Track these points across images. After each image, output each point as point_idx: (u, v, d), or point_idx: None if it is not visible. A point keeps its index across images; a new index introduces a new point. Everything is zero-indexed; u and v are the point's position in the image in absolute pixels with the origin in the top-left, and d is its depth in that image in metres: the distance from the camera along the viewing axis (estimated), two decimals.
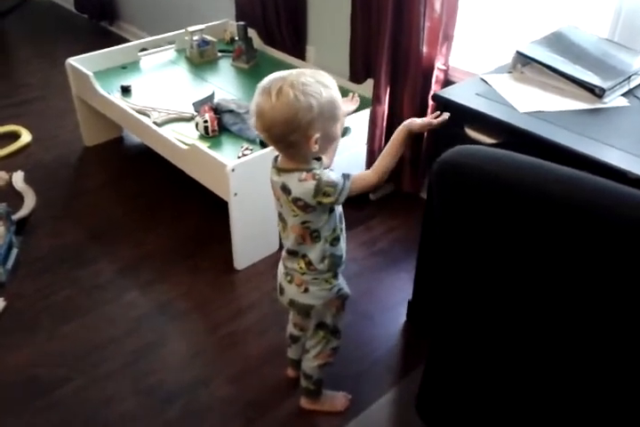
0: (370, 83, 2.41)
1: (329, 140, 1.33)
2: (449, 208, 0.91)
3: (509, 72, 1.74)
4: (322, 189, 1.31)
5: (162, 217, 2.48)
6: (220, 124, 2.28)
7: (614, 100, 1.59)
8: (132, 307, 2.08)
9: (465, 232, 0.93)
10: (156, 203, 2.56)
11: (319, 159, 1.40)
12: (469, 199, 0.87)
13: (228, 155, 2.14)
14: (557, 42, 1.78)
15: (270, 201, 1.78)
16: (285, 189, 1.35)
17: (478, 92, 1.63)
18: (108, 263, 2.26)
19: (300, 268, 1.47)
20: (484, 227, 0.89)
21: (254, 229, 2.17)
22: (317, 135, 1.27)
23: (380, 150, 2.29)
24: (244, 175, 2.01)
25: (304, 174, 1.32)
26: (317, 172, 1.33)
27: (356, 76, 2.53)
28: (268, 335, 1.98)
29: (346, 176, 1.35)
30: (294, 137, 1.27)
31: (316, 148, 1.29)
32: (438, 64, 2.26)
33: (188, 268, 2.24)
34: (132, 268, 2.24)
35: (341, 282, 1.54)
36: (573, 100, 1.61)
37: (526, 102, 1.59)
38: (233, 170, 1.97)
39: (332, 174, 1.34)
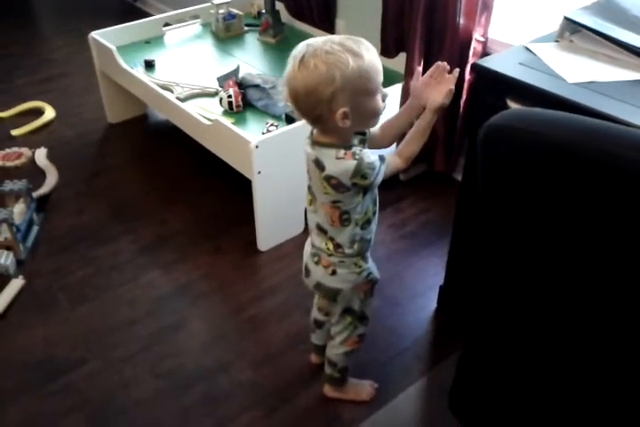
0: (402, 57, 2.28)
1: (364, 116, 1.21)
2: (496, 178, 0.79)
3: (556, 41, 1.60)
4: (362, 170, 1.21)
5: (184, 196, 2.40)
6: (244, 99, 2.18)
7: None
8: (152, 288, 2.01)
9: (512, 207, 0.81)
10: (178, 181, 2.48)
11: (363, 134, 1.30)
12: (522, 168, 0.75)
13: (253, 131, 2.04)
14: (608, 7, 1.63)
15: (297, 180, 1.71)
16: (319, 165, 1.25)
17: (522, 62, 1.49)
18: (129, 243, 2.19)
19: (328, 249, 1.37)
20: (536, 200, 0.78)
21: (279, 209, 2.07)
22: (344, 110, 1.16)
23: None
24: (268, 152, 1.91)
25: (342, 152, 1.22)
26: (357, 151, 1.22)
27: (388, 50, 2.40)
28: (291, 320, 1.90)
29: (382, 158, 1.26)
30: (319, 111, 1.17)
31: (346, 123, 1.18)
32: (476, 35, 2.12)
33: (210, 248, 2.16)
34: (152, 247, 2.17)
35: (371, 266, 1.44)
36: (628, 70, 1.46)
37: (576, 72, 1.45)
38: (257, 147, 1.88)
39: (372, 155, 1.24)
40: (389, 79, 2.19)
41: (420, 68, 1.37)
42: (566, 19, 1.58)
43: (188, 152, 2.55)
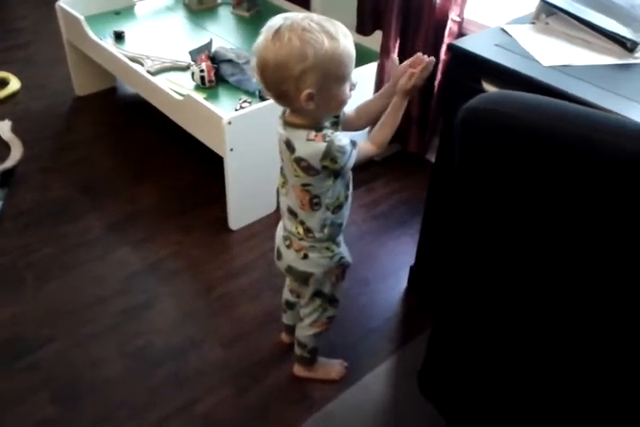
0: (378, 35, 2.25)
1: (328, 102, 1.18)
2: (473, 162, 0.79)
3: (532, 23, 1.60)
4: (332, 153, 1.19)
5: (154, 172, 2.36)
6: (217, 74, 2.14)
7: None
8: (121, 266, 1.98)
9: (488, 190, 0.81)
10: (148, 157, 2.44)
11: (337, 117, 1.28)
12: (499, 152, 0.75)
13: (225, 107, 2.00)
14: None
15: (269, 158, 1.66)
16: (289, 146, 1.23)
17: (498, 43, 1.49)
18: (97, 219, 2.15)
19: (299, 233, 1.36)
20: (513, 185, 0.77)
21: (251, 187, 2.05)
22: (309, 91, 1.13)
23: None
24: (241, 129, 1.88)
25: (312, 134, 1.20)
26: (329, 133, 1.21)
27: (364, 27, 2.36)
28: (261, 299, 1.90)
29: (354, 143, 1.24)
30: (285, 87, 1.14)
31: (309, 104, 1.15)
32: (452, 15, 2.10)
33: (181, 226, 2.14)
34: (121, 225, 2.14)
35: (343, 250, 1.43)
36: (602, 55, 1.47)
37: (551, 55, 1.45)
38: (229, 123, 1.85)
39: (344, 138, 1.22)
40: (365, 57, 2.16)
41: (395, 55, 1.35)
42: (542, 1, 1.57)
43: (158, 127, 2.50)
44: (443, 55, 2.16)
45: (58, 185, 2.29)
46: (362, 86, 2.19)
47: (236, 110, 1.96)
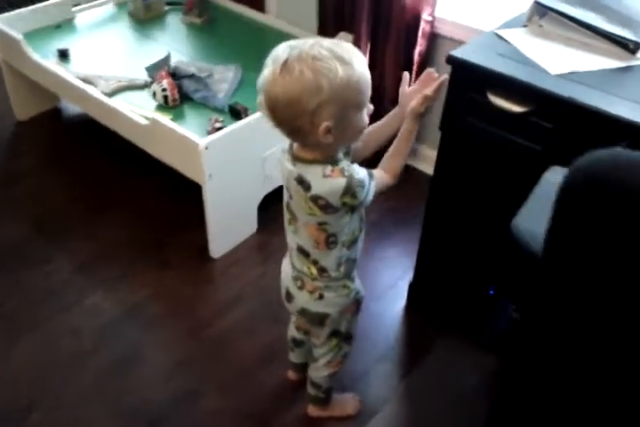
0: (343, 37, 2.13)
1: (348, 131, 1.07)
2: (584, 227, 0.68)
3: (525, 26, 1.51)
4: (352, 188, 1.08)
5: (118, 202, 2.16)
6: (180, 91, 1.96)
7: None
8: (96, 313, 1.79)
9: (592, 256, 0.70)
10: (108, 186, 2.22)
11: (347, 147, 1.16)
12: (618, 219, 0.64)
13: (196, 129, 1.83)
14: None
15: (250, 179, 1.55)
16: (303, 184, 1.10)
17: (501, 53, 1.39)
18: (62, 261, 1.94)
19: (311, 273, 1.24)
20: (624, 253, 0.67)
21: (231, 212, 1.89)
22: (328, 124, 1.01)
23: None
24: (219, 153, 1.72)
25: (329, 169, 1.08)
26: (346, 166, 1.09)
27: (326, 28, 2.23)
28: (258, 333, 1.75)
29: (371, 174, 1.12)
30: (299, 122, 1.02)
31: (328, 138, 1.03)
32: (424, 15, 2.00)
33: (157, 260, 1.95)
34: (89, 265, 1.93)
35: (357, 284, 1.32)
36: (605, 57, 1.40)
37: (556, 62, 1.36)
38: (206, 148, 1.68)
39: (361, 171, 1.10)
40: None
41: (406, 73, 1.22)
42: (536, 3, 1.49)
43: (113, 149, 2.28)
44: (416, 56, 2.06)
45: (8, 224, 2.06)
46: None
47: (209, 132, 1.80)
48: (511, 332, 1.08)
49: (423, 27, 2.01)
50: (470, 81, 1.38)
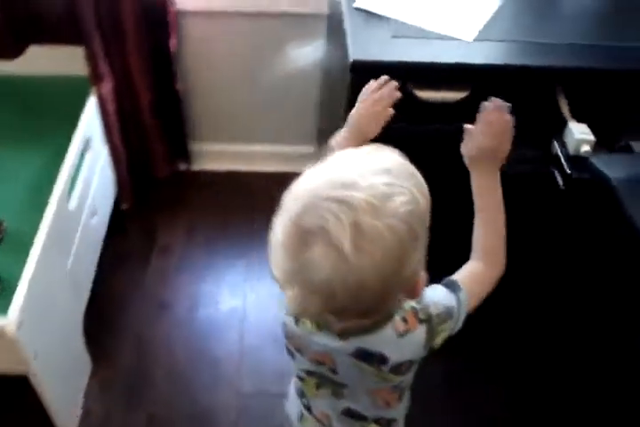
0: (70, 54, 1.53)
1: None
2: None
3: None
4: (436, 330, 0.77)
5: None
6: None
7: None
8: None
9: None
10: None
11: None
12: None
13: None
14: None
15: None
16: (371, 358, 0.77)
17: (394, 34, 1.10)
18: None
19: None
20: None
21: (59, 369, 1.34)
22: (417, 279, 0.68)
23: (128, 146, 1.71)
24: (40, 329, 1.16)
25: (401, 324, 0.75)
26: (416, 307, 0.77)
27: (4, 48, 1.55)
28: None
29: (455, 289, 0.80)
30: (392, 296, 0.67)
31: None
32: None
33: None
34: None
35: None
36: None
37: (460, 25, 1.15)
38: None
39: (440, 295, 0.79)
40: (75, 91, 1.50)
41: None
42: None
43: None
44: (172, 47, 1.60)
45: None
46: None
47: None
48: None
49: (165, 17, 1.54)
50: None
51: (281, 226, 0.62)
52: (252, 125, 1.92)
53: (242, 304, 1.69)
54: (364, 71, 1.02)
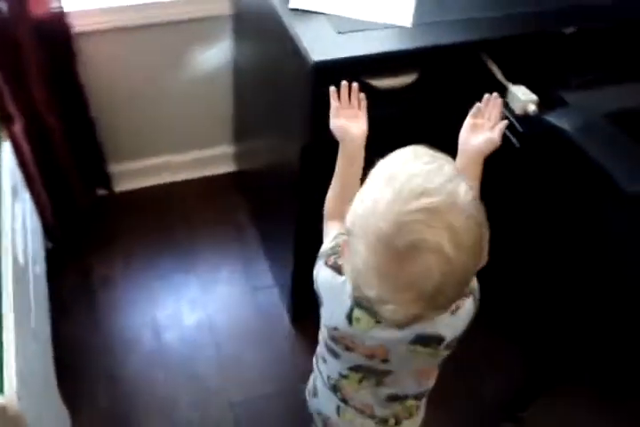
0: None
1: None
2: None
3: None
4: (478, 298, 0.84)
5: None
6: None
7: None
8: None
9: None
10: None
11: None
12: None
13: None
14: None
15: None
16: (426, 342, 0.82)
17: (339, 30, 1.11)
18: None
19: (410, 406, 0.99)
20: None
21: None
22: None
23: (47, 183, 1.61)
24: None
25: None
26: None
27: None
28: None
29: None
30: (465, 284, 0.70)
31: None
32: (52, 8, 1.41)
33: None
34: None
35: None
36: None
37: (397, 12, 1.17)
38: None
39: None
40: None
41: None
42: None
43: None
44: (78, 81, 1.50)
45: None
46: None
47: None
48: None
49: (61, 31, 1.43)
50: (340, 78, 1.06)
51: (368, 250, 0.63)
52: (167, 137, 1.85)
53: (206, 316, 1.66)
54: (325, 71, 1.03)
